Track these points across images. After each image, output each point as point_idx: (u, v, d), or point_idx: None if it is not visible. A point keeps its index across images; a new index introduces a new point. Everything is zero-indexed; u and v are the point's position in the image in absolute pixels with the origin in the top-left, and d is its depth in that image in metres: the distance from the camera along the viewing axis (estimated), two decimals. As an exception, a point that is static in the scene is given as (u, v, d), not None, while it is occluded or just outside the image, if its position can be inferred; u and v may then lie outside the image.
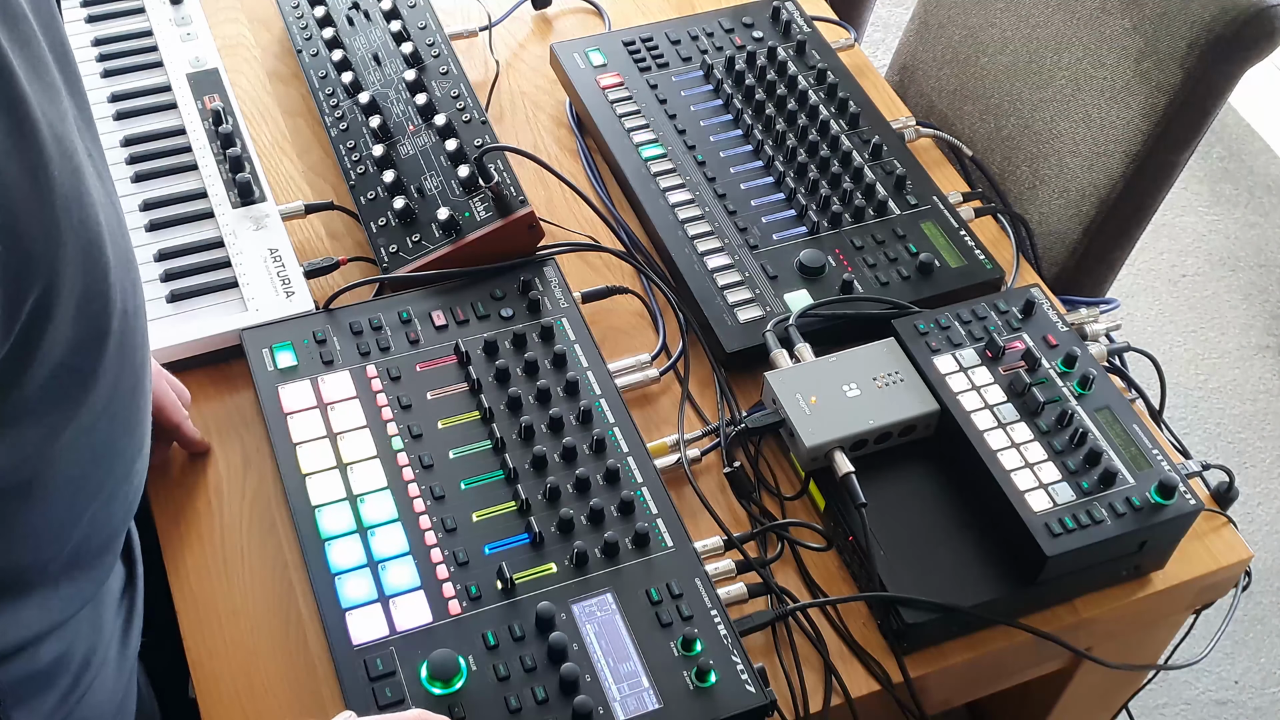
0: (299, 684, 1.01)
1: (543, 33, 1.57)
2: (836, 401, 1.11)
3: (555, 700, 0.94)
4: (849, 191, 1.32)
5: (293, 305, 1.18)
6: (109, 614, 0.96)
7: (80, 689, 0.92)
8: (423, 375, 1.13)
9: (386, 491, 1.05)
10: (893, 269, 1.26)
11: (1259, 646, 2.05)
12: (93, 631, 0.93)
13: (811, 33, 1.49)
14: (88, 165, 0.75)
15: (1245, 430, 2.32)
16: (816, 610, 1.06)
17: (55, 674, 0.89)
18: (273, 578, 1.06)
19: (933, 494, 1.10)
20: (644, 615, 0.99)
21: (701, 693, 0.95)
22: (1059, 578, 1.05)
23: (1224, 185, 2.74)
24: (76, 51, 1.41)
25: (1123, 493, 1.05)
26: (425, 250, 1.22)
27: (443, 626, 0.98)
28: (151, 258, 1.22)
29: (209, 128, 1.33)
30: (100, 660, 0.94)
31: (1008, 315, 1.18)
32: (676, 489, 1.12)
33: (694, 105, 1.41)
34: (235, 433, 1.15)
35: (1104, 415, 1.10)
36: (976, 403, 1.11)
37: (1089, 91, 1.42)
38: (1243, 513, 2.19)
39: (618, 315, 1.27)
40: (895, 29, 2.85)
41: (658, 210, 1.30)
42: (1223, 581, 1.16)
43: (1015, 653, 1.08)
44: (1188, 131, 1.36)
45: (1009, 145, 1.53)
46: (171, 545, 1.08)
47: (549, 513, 1.04)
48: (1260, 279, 2.56)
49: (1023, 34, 1.50)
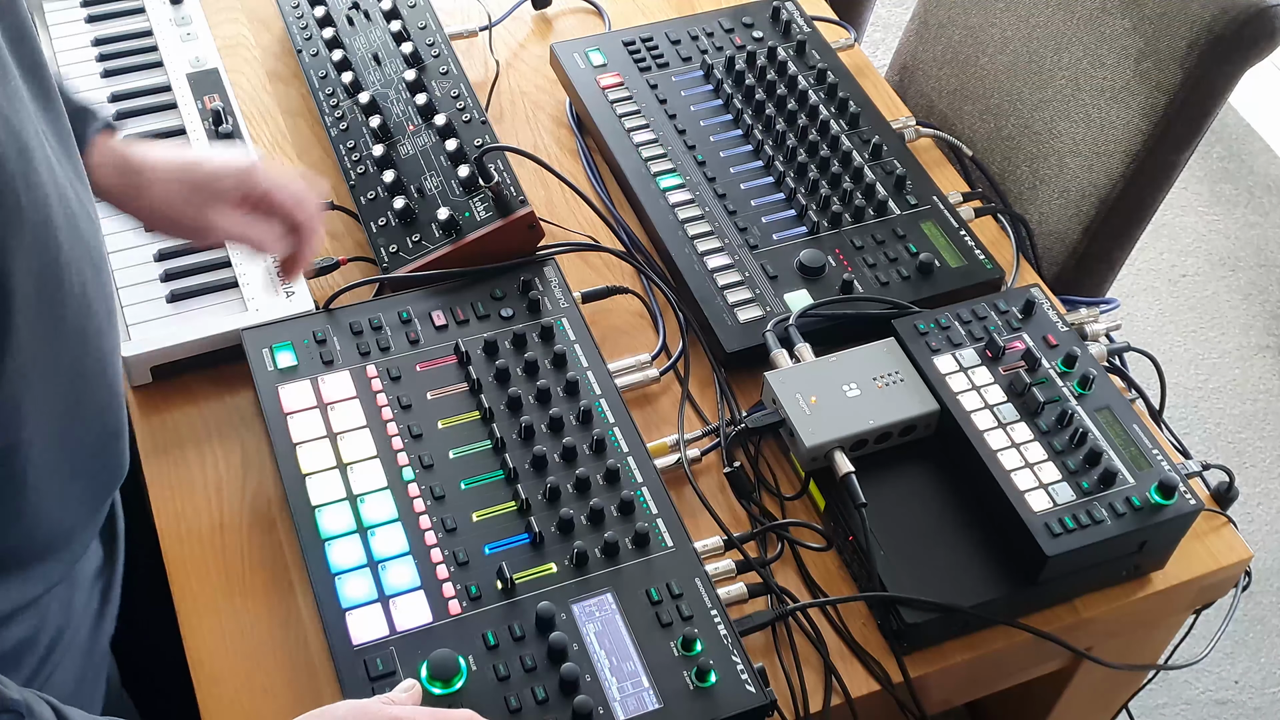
0: (299, 684, 1.01)
1: (543, 33, 1.57)
2: (836, 401, 1.11)
3: (555, 700, 0.94)
4: (849, 191, 1.32)
5: (293, 305, 1.18)
6: (81, 596, 0.95)
7: (46, 670, 0.91)
8: (423, 375, 1.13)
9: (386, 491, 1.05)
10: (893, 269, 1.26)
11: (1259, 646, 2.05)
12: (63, 612, 0.92)
13: (811, 33, 1.49)
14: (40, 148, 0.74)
15: (1245, 430, 2.32)
16: (816, 610, 1.06)
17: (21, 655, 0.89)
18: (273, 578, 1.06)
19: (933, 494, 1.10)
20: (644, 615, 0.99)
21: (701, 693, 0.95)
22: (1059, 578, 1.05)
23: (1224, 185, 2.74)
24: (75, 51, 1.41)
25: (1123, 493, 1.05)
26: (425, 250, 1.22)
27: (443, 626, 0.98)
28: (151, 258, 1.22)
29: (209, 128, 1.33)
30: (68, 643, 0.93)
31: (1008, 315, 1.18)
32: (676, 489, 1.12)
33: (694, 105, 1.41)
34: (235, 433, 1.15)
35: (1104, 415, 1.10)
36: (976, 403, 1.11)
37: (1089, 91, 1.42)
38: (1243, 513, 2.19)
39: (618, 315, 1.27)
40: (895, 29, 2.85)
41: (658, 210, 1.30)
42: (1223, 581, 1.16)
43: (1015, 653, 1.08)
44: (1188, 131, 1.36)
45: (1009, 145, 1.53)
46: (171, 545, 1.08)
47: (549, 513, 1.04)
48: (1260, 279, 2.56)
49: (1023, 34, 1.50)
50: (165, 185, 1.00)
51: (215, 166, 1.01)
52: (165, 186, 1.00)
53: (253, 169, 1.03)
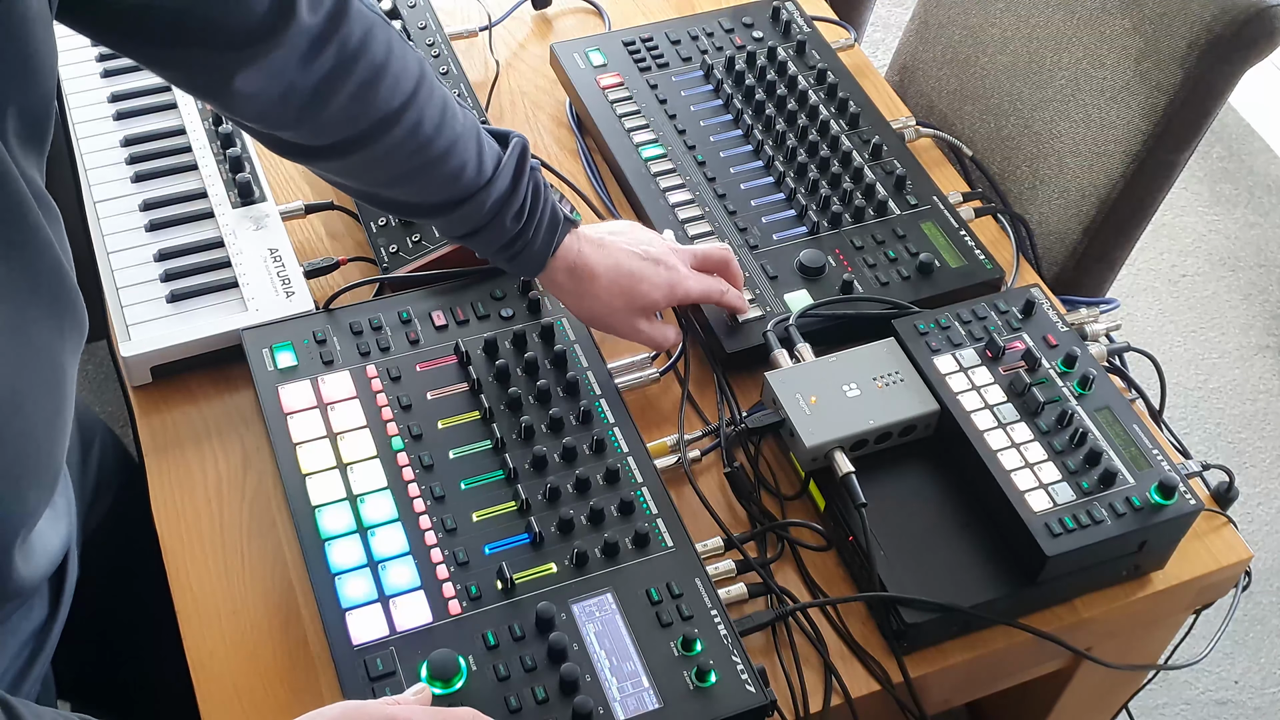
0: (299, 684, 1.01)
1: (543, 33, 1.57)
2: (836, 401, 1.11)
3: (555, 700, 0.94)
4: (849, 191, 1.32)
5: (293, 305, 1.18)
6: (7, 652, 0.92)
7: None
8: (423, 375, 1.13)
9: (386, 491, 1.05)
10: (893, 269, 1.26)
11: (1259, 646, 2.05)
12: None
13: (811, 33, 1.49)
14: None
15: (1245, 430, 2.32)
16: (816, 610, 1.06)
17: None
18: (273, 578, 1.06)
19: (933, 494, 1.10)
20: (644, 615, 0.99)
21: (701, 693, 0.95)
22: (1059, 578, 1.05)
23: (1224, 185, 2.74)
24: (75, 51, 1.41)
25: (1123, 493, 1.05)
26: (425, 250, 1.22)
27: (443, 626, 0.98)
28: (151, 258, 1.22)
29: (209, 128, 1.33)
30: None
31: (1008, 315, 1.18)
32: (676, 489, 1.12)
33: (694, 105, 1.41)
34: (235, 433, 1.15)
35: (1104, 415, 1.10)
36: (976, 403, 1.11)
37: (1089, 91, 1.42)
38: (1243, 513, 2.19)
39: (618, 315, 1.27)
40: (895, 29, 2.85)
41: (657, 210, 1.30)
42: (1222, 581, 1.16)
43: (1015, 653, 1.08)
44: (1188, 131, 1.36)
45: (1009, 145, 1.53)
46: (171, 545, 1.08)
47: (549, 513, 1.04)
48: (1260, 279, 2.56)
49: (1023, 34, 1.50)
50: (608, 299, 1.12)
51: (649, 287, 1.12)
52: (608, 300, 1.12)
53: (680, 283, 1.14)
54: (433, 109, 1.01)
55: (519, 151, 1.06)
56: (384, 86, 0.98)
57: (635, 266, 1.12)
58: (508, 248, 1.08)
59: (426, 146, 1.01)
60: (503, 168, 1.05)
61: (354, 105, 0.98)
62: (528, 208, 1.07)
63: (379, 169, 1.03)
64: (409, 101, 0.99)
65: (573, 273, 1.11)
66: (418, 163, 1.02)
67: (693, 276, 1.16)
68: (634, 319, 1.14)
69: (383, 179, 1.04)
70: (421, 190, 1.05)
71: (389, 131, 0.99)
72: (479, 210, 1.05)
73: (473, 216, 1.05)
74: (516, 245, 1.08)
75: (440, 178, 1.03)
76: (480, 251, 1.10)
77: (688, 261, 1.17)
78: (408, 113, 0.99)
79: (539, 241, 1.08)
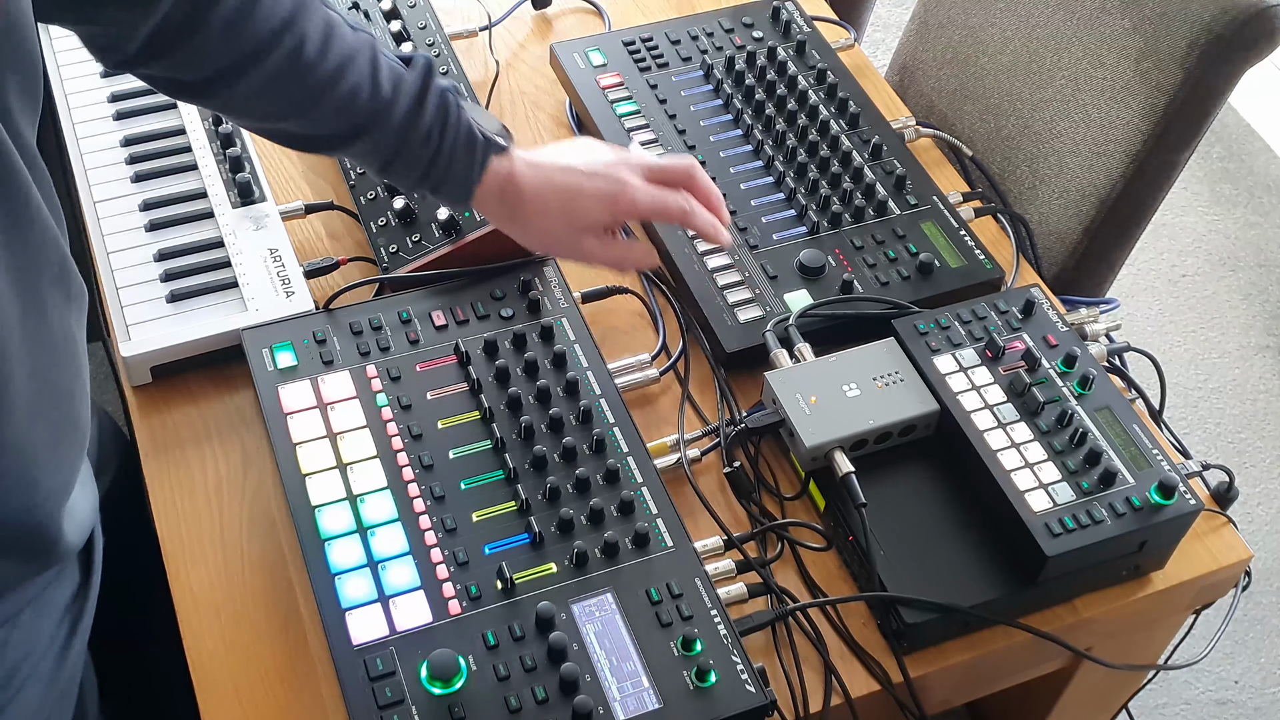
0: (299, 684, 1.01)
1: (543, 33, 1.57)
2: (836, 401, 1.11)
3: (555, 700, 0.94)
4: (849, 191, 1.32)
5: (293, 305, 1.18)
6: (48, 624, 0.91)
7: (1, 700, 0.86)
8: (423, 375, 1.13)
9: (386, 491, 1.05)
10: (893, 269, 1.26)
11: (1259, 646, 2.05)
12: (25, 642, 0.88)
13: (811, 33, 1.49)
14: None
15: (1245, 430, 2.32)
16: (816, 610, 1.06)
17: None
18: (273, 578, 1.06)
19: (933, 494, 1.10)
20: (644, 615, 0.99)
21: (701, 693, 0.95)
22: (1059, 578, 1.05)
23: (1224, 185, 2.74)
24: (74, 52, 1.41)
25: (1123, 493, 1.05)
26: (425, 250, 1.22)
27: (443, 626, 0.98)
28: (151, 258, 1.22)
29: (209, 128, 1.33)
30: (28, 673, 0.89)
31: (1008, 315, 1.18)
32: (676, 489, 1.12)
33: (694, 105, 1.41)
34: (235, 433, 1.15)
35: (1104, 415, 1.10)
36: (976, 403, 1.11)
37: (1089, 91, 1.42)
38: (1243, 513, 2.19)
39: (618, 315, 1.27)
40: (895, 29, 2.85)
41: (658, 210, 1.30)
42: (1222, 581, 1.16)
43: (1015, 653, 1.08)
44: (1188, 131, 1.36)
45: (1009, 145, 1.53)
46: (171, 545, 1.08)
47: (549, 513, 1.04)
48: (1260, 279, 2.56)
49: (1023, 34, 1.50)
50: (542, 222, 1.06)
51: (588, 202, 1.05)
52: (543, 224, 1.06)
53: (622, 194, 1.06)
54: (314, 30, 0.95)
55: (423, 70, 1.00)
56: (258, 11, 0.92)
57: (569, 181, 1.04)
58: (425, 178, 1.02)
59: (311, 70, 0.95)
60: (403, 88, 0.98)
61: (228, 32, 0.92)
62: (437, 130, 1.00)
63: (265, 100, 0.97)
64: (287, 23, 0.94)
65: (503, 198, 1.04)
66: (306, 89, 0.96)
67: (642, 188, 1.06)
68: (579, 239, 1.07)
69: (274, 111, 0.99)
70: (319, 121, 0.99)
71: (267, 57, 0.94)
72: (386, 136, 0.99)
73: (382, 145, 1.00)
74: (433, 173, 1.01)
75: (333, 103, 0.97)
76: (402, 186, 1.04)
77: (640, 174, 1.07)
78: (286, 34, 0.94)
79: (457, 166, 1.01)
